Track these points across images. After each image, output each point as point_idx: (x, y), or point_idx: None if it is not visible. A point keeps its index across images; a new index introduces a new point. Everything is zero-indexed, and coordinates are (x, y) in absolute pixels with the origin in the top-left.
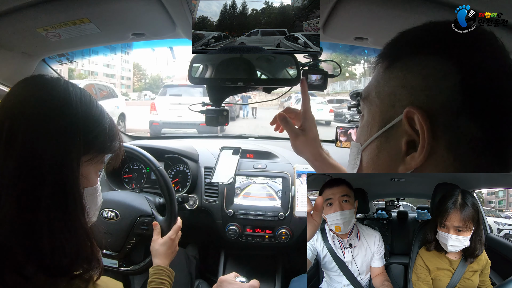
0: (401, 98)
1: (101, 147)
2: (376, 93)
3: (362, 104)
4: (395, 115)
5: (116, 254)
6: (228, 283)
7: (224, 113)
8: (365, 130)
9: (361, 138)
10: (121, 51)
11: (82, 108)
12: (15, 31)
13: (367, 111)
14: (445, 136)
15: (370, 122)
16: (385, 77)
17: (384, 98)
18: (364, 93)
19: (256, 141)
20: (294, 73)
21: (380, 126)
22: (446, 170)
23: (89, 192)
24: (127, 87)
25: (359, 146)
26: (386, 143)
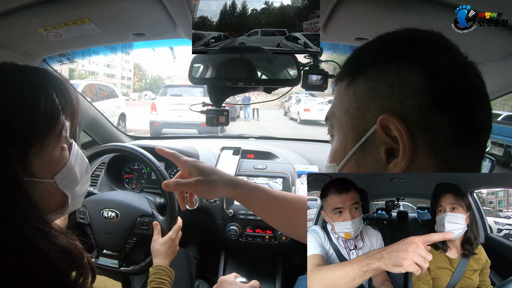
0: (371, 110)
1: (46, 127)
2: (343, 111)
3: (330, 125)
4: (368, 127)
5: (117, 254)
6: (228, 283)
7: (225, 113)
8: (339, 149)
9: (336, 158)
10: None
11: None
12: (16, 31)
13: (336, 131)
14: (422, 136)
15: (343, 140)
16: (349, 94)
17: (353, 114)
18: (330, 114)
19: (256, 141)
20: (295, 73)
21: (354, 142)
22: (430, 169)
23: (63, 175)
24: (128, 87)
25: (335, 166)
26: (364, 156)
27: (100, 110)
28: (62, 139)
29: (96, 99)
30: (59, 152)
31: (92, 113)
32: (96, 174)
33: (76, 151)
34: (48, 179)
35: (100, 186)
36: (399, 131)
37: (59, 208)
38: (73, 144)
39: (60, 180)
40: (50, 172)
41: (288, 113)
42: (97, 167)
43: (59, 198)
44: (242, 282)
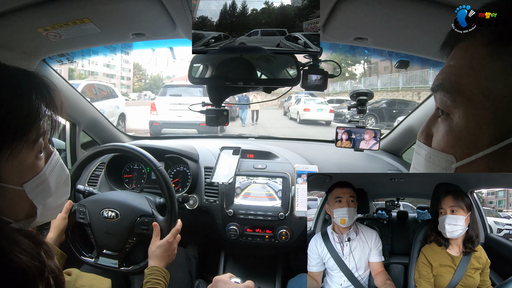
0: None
1: (19, 132)
2: (480, 89)
3: (447, 99)
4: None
5: (116, 254)
6: (223, 282)
7: (224, 113)
8: (463, 139)
9: (455, 148)
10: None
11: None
12: (16, 31)
13: (462, 113)
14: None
15: (473, 130)
16: (498, 68)
17: (501, 100)
18: (449, 84)
19: (256, 141)
20: (294, 73)
21: (492, 139)
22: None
23: (33, 185)
24: (127, 87)
25: (453, 160)
26: (501, 163)
27: (99, 110)
28: (38, 147)
29: (96, 99)
30: (33, 160)
31: (92, 113)
32: (96, 174)
33: (55, 161)
34: (17, 186)
35: (100, 186)
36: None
37: (26, 218)
38: (54, 153)
39: (30, 189)
40: (19, 179)
41: (288, 112)
42: (97, 167)
43: (26, 208)
44: (237, 282)
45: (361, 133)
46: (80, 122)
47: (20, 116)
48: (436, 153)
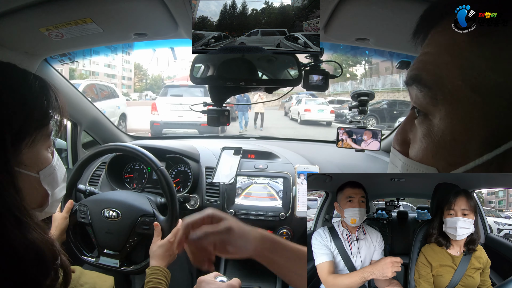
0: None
1: (40, 124)
2: (466, 82)
3: (427, 95)
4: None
5: (118, 254)
6: (206, 283)
7: (226, 113)
8: (447, 146)
9: (437, 159)
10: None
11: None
12: (17, 30)
13: (444, 113)
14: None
15: (459, 134)
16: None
17: (490, 94)
18: (428, 76)
19: (257, 141)
20: (296, 73)
21: (485, 144)
22: None
23: (47, 173)
24: (128, 87)
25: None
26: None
27: (100, 110)
28: (50, 141)
29: (97, 99)
30: (46, 152)
31: (93, 113)
32: (97, 174)
33: (56, 157)
34: (33, 173)
35: (101, 186)
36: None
37: (38, 206)
38: (55, 152)
39: (44, 177)
40: (36, 167)
41: (289, 113)
42: (98, 167)
43: (39, 195)
44: (222, 281)
45: (362, 134)
46: (82, 122)
47: (41, 110)
48: (413, 165)
